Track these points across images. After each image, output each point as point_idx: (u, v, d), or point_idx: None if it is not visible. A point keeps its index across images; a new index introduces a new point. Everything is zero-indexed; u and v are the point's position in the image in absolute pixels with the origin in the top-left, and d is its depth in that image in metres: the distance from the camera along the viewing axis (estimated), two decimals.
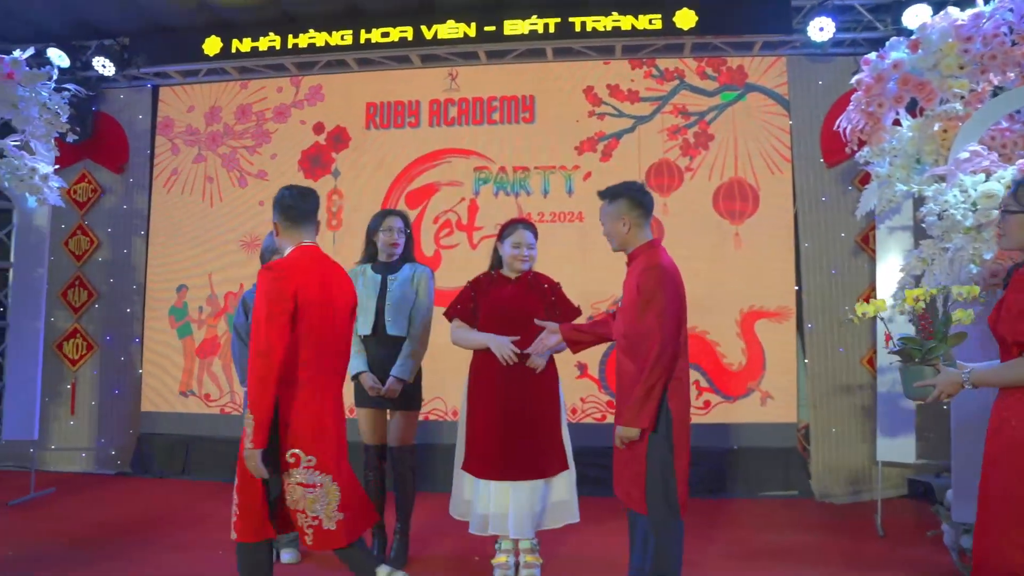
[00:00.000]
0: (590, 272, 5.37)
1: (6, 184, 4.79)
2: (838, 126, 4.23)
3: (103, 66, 5.77)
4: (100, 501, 4.92)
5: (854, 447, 4.91)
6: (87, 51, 5.88)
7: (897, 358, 2.37)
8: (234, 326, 3.78)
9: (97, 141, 5.98)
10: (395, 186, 5.80)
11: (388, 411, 3.67)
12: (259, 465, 2.47)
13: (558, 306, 3.52)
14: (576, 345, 3.18)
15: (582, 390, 5.34)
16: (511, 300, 3.46)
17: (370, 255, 3.78)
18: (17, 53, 4.79)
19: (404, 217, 3.77)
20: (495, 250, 3.60)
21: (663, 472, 2.70)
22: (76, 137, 5.08)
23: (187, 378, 5.90)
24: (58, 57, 5.72)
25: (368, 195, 5.78)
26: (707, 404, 5.20)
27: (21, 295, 5.01)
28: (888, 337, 2.92)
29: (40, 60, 5.71)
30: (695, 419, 5.23)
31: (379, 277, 3.68)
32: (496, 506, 3.31)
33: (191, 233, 5.96)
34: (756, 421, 5.16)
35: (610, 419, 5.27)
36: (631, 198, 2.88)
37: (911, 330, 2.37)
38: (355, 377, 3.61)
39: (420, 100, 5.83)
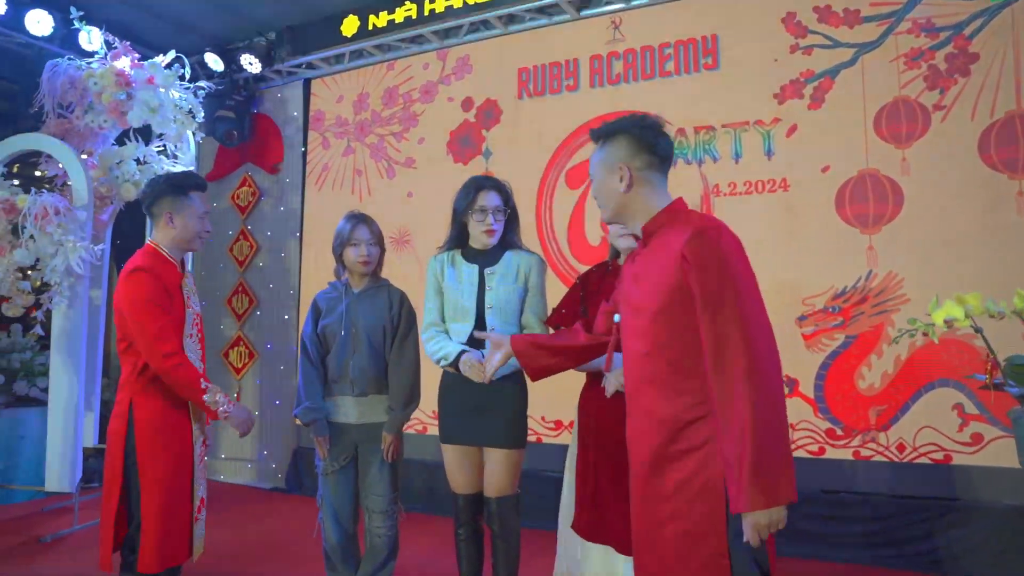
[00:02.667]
0: (800, 256, 4.08)
1: None
2: None
3: (249, 63, 5.53)
4: (236, 520, 4.62)
5: None
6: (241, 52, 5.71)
7: None
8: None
9: (256, 143, 5.80)
10: (553, 163, 4.90)
11: (484, 449, 2.79)
12: None
13: None
14: (537, 371, 2.15)
15: (791, 413, 4.05)
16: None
17: (458, 238, 2.84)
18: (159, 59, 4.63)
19: (503, 189, 2.81)
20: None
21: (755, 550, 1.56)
22: (200, 135, 4.83)
23: None
24: (214, 61, 5.60)
25: (523, 176, 4.92)
26: (977, 438, 3.64)
27: None
28: (990, 364, 1.63)
29: (194, 64, 5.64)
30: (956, 458, 3.75)
31: (475, 269, 2.79)
32: None
33: None
34: None
35: (831, 454, 3.96)
36: (632, 136, 1.78)
37: None
38: (454, 362, 2.67)
39: (579, 58, 4.86)
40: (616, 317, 1.91)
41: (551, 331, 2.64)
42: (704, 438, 1.59)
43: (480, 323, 2.73)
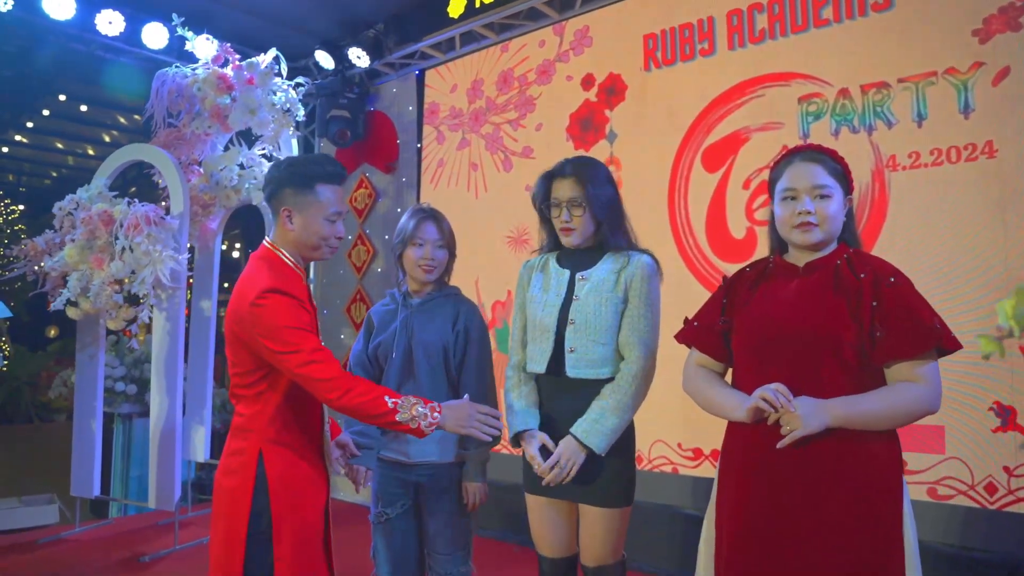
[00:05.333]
0: (1017, 243, 3.06)
1: (251, 198, 4.44)
2: None
3: (358, 57, 5.24)
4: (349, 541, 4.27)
5: None
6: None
7: None
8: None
9: (371, 142, 5.52)
10: (687, 142, 4.14)
11: (579, 506, 2.18)
12: None
13: (882, 320, 1.60)
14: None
15: (1007, 453, 3.02)
16: (790, 308, 1.70)
17: (553, 239, 2.30)
18: (260, 58, 4.44)
19: (582, 174, 2.17)
20: (771, 215, 1.88)
21: None
22: (298, 134, 4.56)
23: None
24: (324, 59, 5.37)
25: (653, 159, 4.22)
26: None
27: None
28: None
29: (308, 64, 5.44)
30: None
31: (567, 275, 2.20)
32: None
33: (456, 232, 5.06)
34: None
35: None
36: None
37: None
38: (515, 438, 2.20)
39: (714, 16, 4.06)
40: None
41: (691, 356, 1.97)
42: None
43: (560, 344, 2.13)
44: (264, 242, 2.04)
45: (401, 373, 2.41)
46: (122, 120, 9.19)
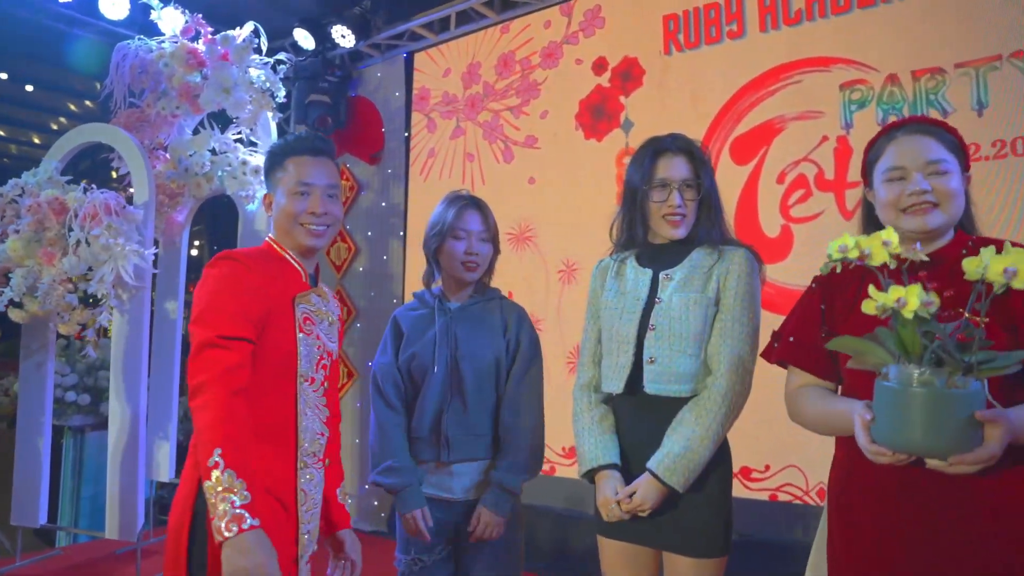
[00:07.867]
0: None
1: (225, 187, 3.95)
2: None
3: (342, 36, 4.77)
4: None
5: None
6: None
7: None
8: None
9: (353, 130, 5.05)
10: (714, 131, 3.79)
11: (662, 552, 1.79)
12: None
13: None
14: None
15: None
16: None
17: (631, 234, 1.86)
18: (235, 32, 3.95)
19: (694, 154, 1.82)
20: (863, 203, 1.63)
21: None
22: (278, 116, 4.09)
23: None
24: (304, 38, 4.89)
25: None
26: None
27: None
28: None
29: (286, 45, 4.96)
30: None
31: (649, 275, 1.82)
32: None
33: None
34: None
35: None
36: None
37: None
38: (588, 475, 1.82)
39: None
40: None
41: (792, 376, 1.62)
42: None
43: (639, 357, 1.76)
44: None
45: (444, 390, 2.03)
46: (73, 107, 8.50)
